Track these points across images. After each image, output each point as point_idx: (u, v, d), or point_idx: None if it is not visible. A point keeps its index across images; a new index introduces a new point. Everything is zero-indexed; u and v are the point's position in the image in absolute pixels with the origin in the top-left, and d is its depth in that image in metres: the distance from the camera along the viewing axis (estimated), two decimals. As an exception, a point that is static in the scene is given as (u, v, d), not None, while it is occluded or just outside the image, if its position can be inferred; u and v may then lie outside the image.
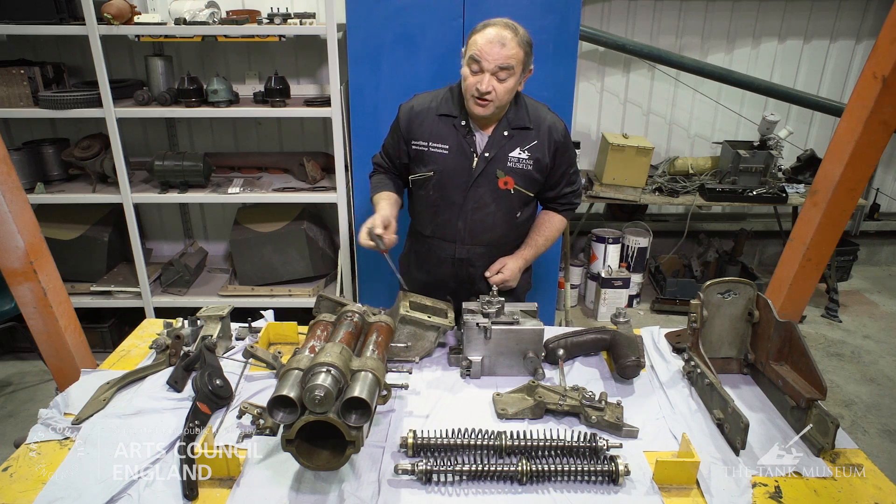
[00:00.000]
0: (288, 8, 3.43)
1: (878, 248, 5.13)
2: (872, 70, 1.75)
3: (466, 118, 1.99)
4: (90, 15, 2.99)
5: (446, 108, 2.01)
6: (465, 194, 2.03)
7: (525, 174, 2.02)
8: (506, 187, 2.02)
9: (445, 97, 2.03)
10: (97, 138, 3.51)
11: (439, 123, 2.01)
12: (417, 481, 1.38)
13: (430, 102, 2.04)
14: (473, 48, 1.84)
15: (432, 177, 2.04)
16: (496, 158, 1.99)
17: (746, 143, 4.16)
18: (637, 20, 4.29)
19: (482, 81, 1.84)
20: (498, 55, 1.81)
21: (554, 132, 2.02)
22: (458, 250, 2.13)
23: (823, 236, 2.00)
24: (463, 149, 1.99)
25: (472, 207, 2.05)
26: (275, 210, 3.71)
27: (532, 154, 2.01)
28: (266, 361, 1.79)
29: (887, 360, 3.78)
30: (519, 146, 2.00)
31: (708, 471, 1.42)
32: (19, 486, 1.36)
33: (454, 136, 2.00)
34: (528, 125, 2.00)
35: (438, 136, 2.01)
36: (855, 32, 4.39)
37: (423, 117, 2.03)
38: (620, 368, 1.79)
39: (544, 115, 2.04)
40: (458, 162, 2.00)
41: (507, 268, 2.10)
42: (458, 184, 2.02)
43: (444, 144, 2.00)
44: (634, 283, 4.30)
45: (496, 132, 1.99)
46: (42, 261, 1.87)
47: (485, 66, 1.82)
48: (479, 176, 2.00)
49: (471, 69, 1.86)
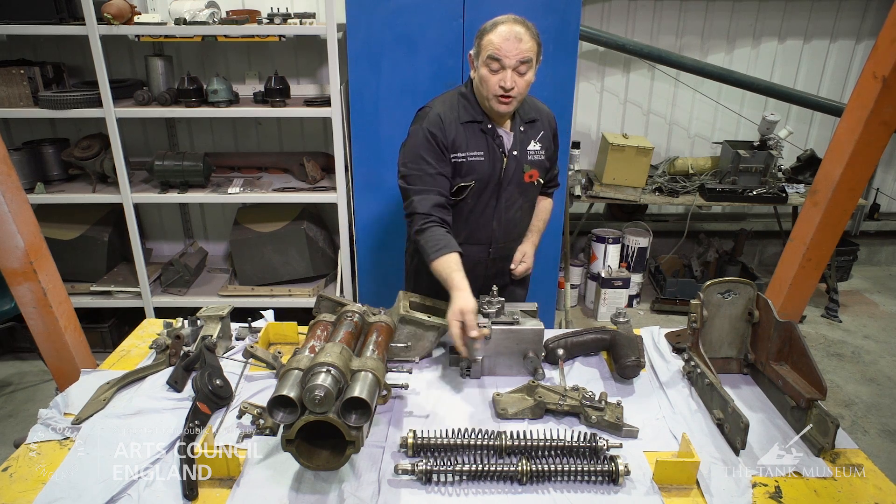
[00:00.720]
0: (288, 8, 3.43)
1: (878, 248, 5.13)
2: (872, 70, 1.75)
3: (490, 121, 1.99)
4: (90, 15, 2.99)
5: (469, 114, 1.97)
6: (498, 195, 2.05)
7: (541, 164, 2.09)
8: (531, 180, 2.07)
9: (462, 104, 1.98)
10: (97, 138, 3.51)
11: (467, 131, 1.97)
12: (417, 481, 1.38)
13: (448, 114, 1.97)
14: (490, 48, 1.82)
15: (472, 185, 2.01)
16: (520, 154, 2.03)
17: (746, 143, 4.16)
18: (637, 20, 4.29)
19: (505, 78, 1.83)
20: (517, 50, 1.81)
21: (551, 120, 2.13)
22: (492, 251, 2.15)
23: (823, 236, 2.00)
24: (494, 152, 1.99)
25: (504, 206, 2.07)
26: (275, 210, 3.71)
27: (543, 144, 2.08)
28: (266, 361, 1.79)
29: (887, 360, 3.78)
30: (533, 139, 2.06)
31: (708, 471, 1.42)
32: (19, 486, 1.36)
33: (484, 141, 1.98)
34: (535, 117, 2.07)
35: (472, 145, 1.97)
36: (855, 32, 4.39)
37: (452, 129, 1.96)
38: (620, 368, 1.79)
39: (540, 105, 2.12)
40: (491, 165, 2.00)
41: (528, 255, 2.21)
42: (493, 187, 2.03)
43: (479, 152, 1.98)
44: (634, 283, 4.30)
45: (515, 129, 2.02)
46: (42, 261, 1.87)
47: (506, 63, 1.82)
48: (512, 174, 2.03)
49: (490, 69, 1.84)
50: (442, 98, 2.04)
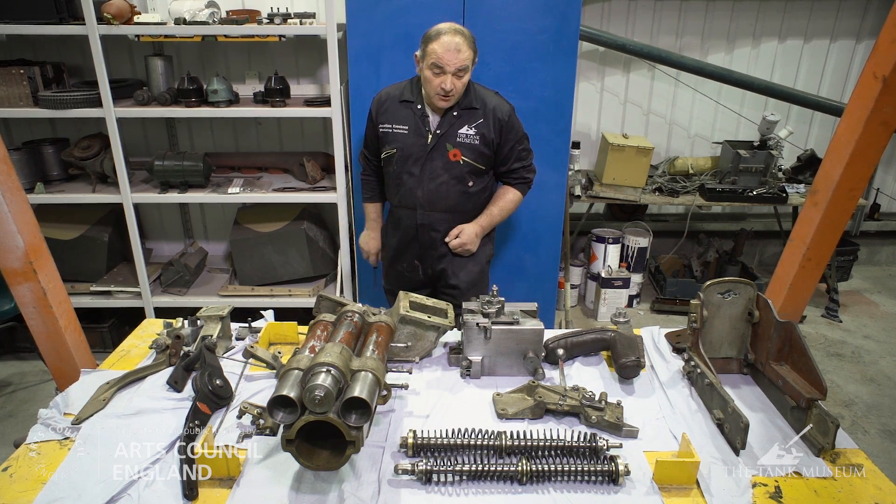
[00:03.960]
0: (288, 8, 3.43)
1: (879, 248, 5.13)
2: (872, 70, 1.74)
3: (423, 103, 2.37)
4: (90, 15, 2.99)
5: (407, 95, 2.40)
6: (421, 166, 2.40)
7: (473, 147, 2.39)
8: (455, 159, 2.39)
9: (408, 87, 2.42)
10: (97, 138, 3.51)
11: (401, 108, 2.40)
12: (417, 481, 1.38)
13: (394, 91, 2.44)
14: (433, 56, 2.20)
15: (395, 153, 2.43)
16: (447, 135, 2.37)
17: (746, 143, 4.16)
18: (637, 20, 4.29)
19: (445, 82, 2.22)
20: (456, 60, 2.19)
21: (498, 112, 2.38)
22: (419, 216, 2.48)
23: (823, 236, 1.99)
24: (419, 128, 2.38)
25: (428, 178, 2.41)
26: (275, 210, 3.71)
27: (478, 130, 2.37)
28: (266, 361, 1.79)
29: (887, 360, 3.78)
30: (467, 124, 2.37)
31: (708, 471, 1.42)
32: (19, 486, 1.36)
33: (412, 118, 2.39)
34: (474, 105, 2.37)
35: (400, 119, 2.40)
36: (855, 32, 4.39)
37: (388, 104, 2.42)
38: (620, 368, 1.79)
39: (490, 99, 2.41)
40: (415, 139, 2.39)
41: (464, 232, 2.47)
42: (417, 158, 2.40)
43: (404, 125, 2.39)
44: (634, 283, 4.30)
45: (447, 113, 2.36)
46: (42, 261, 1.87)
47: (446, 70, 2.20)
48: (432, 150, 2.38)
49: (433, 72, 2.22)
50: (398, 83, 2.47)
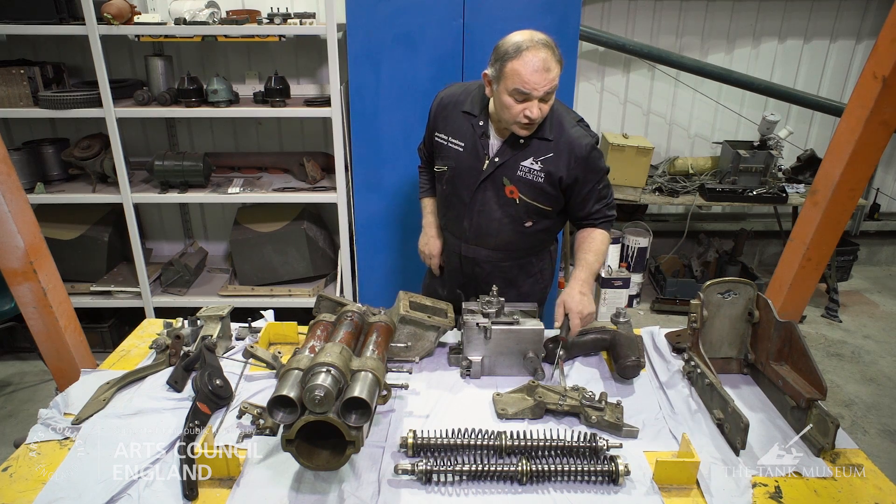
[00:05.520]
0: (288, 8, 3.43)
1: (879, 248, 5.13)
2: (872, 70, 1.74)
3: (486, 119, 1.95)
4: (90, 15, 2.99)
5: (469, 105, 1.98)
6: (472, 194, 2.00)
7: (534, 186, 1.93)
8: (511, 196, 1.96)
9: (472, 93, 1.99)
10: (97, 138, 3.51)
11: (461, 119, 1.99)
12: (417, 481, 1.38)
13: (459, 96, 2.02)
14: (516, 80, 1.71)
15: (446, 171, 2.04)
16: (506, 164, 1.93)
17: (746, 143, 4.16)
18: (637, 20, 4.29)
19: (531, 109, 1.76)
20: (544, 81, 1.72)
21: (576, 147, 1.89)
22: (463, 248, 2.13)
23: (823, 236, 1.99)
24: (476, 149, 1.96)
25: (477, 209, 2.02)
26: (275, 210, 3.71)
27: (545, 166, 1.90)
28: (266, 361, 1.79)
29: (887, 360, 3.78)
30: (533, 156, 1.91)
31: (708, 471, 1.42)
32: (19, 486, 1.36)
33: (471, 135, 1.97)
34: (547, 136, 1.90)
35: (458, 132, 1.99)
36: (855, 32, 4.39)
37: (449, 110, 2.02)
38: (620, 368, 1.79)
39: (569, 129, 1.91)
40: (470, 162, 1.98)
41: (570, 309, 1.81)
42: (468, 183, 2.00)
43: (460, 142, 1.99)
44: (634, 283, 4.30)
45: (511, 138, 1.91)
46: (42, 261, 1.87)
47: (534, 95, 1.74)
48: (486, 179, 1.96)
49: (515, 99, 1.76)
50: (468, 84, 2.07)
